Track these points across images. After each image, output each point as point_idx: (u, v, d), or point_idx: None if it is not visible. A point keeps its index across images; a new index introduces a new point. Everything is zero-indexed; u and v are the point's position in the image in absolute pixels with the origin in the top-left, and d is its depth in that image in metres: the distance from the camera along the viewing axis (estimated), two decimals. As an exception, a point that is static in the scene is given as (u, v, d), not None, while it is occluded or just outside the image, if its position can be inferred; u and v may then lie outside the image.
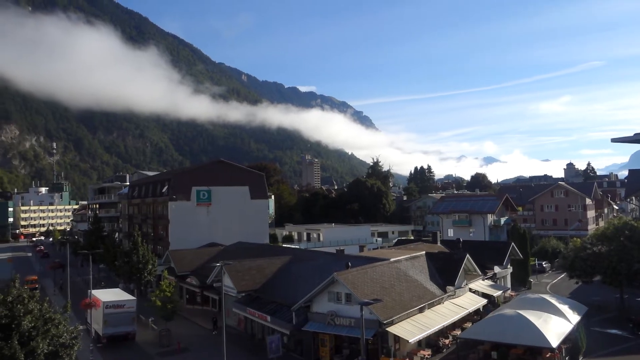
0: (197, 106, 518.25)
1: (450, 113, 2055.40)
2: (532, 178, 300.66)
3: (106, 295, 45.06)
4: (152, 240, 74.35)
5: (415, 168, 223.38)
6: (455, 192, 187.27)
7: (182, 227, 69.34)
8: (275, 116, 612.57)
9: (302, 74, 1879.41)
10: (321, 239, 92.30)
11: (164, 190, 73.55)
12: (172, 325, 44.19)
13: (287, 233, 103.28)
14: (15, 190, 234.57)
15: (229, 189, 73.91)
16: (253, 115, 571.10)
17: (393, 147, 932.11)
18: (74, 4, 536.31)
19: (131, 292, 54.89)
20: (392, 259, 41.07)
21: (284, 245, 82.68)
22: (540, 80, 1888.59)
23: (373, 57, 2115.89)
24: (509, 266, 55.96)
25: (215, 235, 69.79)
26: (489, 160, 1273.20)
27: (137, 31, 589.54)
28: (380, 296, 32.20)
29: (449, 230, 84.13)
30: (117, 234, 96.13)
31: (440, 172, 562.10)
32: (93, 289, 44.85)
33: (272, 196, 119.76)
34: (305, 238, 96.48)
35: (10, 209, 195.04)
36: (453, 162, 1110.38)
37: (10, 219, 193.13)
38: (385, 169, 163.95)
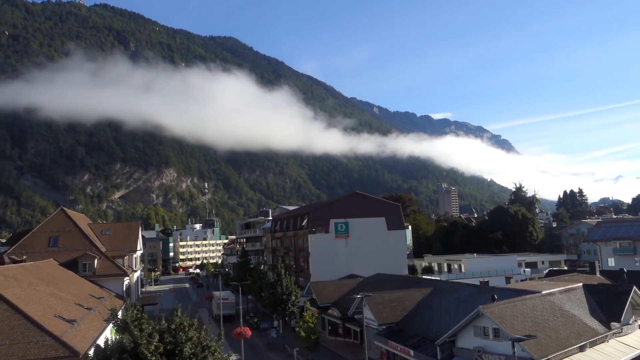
0: (330, 140, 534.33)
1: (603, 129, 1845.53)
2: None
3: (219, 292, 72.94)
4: (294, 272, 77.08)
5: (565, 192, 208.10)
6: (614, 216, 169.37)
7: (322, 258, 71.05)
8: (407, 145, 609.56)
9: (436, 101, 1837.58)
10: (463, 270, 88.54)
11: (303, 223, 76.37)
12: (316, 357, 45.05)
13: (426, 264, 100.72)
14: (175, 227, 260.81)
15: (366, 221, 74.37)
16: (384, 146, 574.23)
17: (537, 171, 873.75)
18: (219, 57, 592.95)
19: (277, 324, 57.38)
20: (544, 292, 37.83)
21: (423, 276, 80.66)
22: None
23: (511, 77, 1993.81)
24: (688, 300, 48.53)
25: (353, 267, 70.25)
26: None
27: (274, 75, 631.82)
28: (532, 332, 29.75)
29: (608, 259, 76.21)
30: (262, 266, 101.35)
31: (593, 195, 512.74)
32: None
33: (409, 227, 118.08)
34: (445, 269, 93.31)
35: (171, 244, 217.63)
36: (609, 184, 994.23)
37: (171, 253, 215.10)
38: (529, 194, 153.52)
